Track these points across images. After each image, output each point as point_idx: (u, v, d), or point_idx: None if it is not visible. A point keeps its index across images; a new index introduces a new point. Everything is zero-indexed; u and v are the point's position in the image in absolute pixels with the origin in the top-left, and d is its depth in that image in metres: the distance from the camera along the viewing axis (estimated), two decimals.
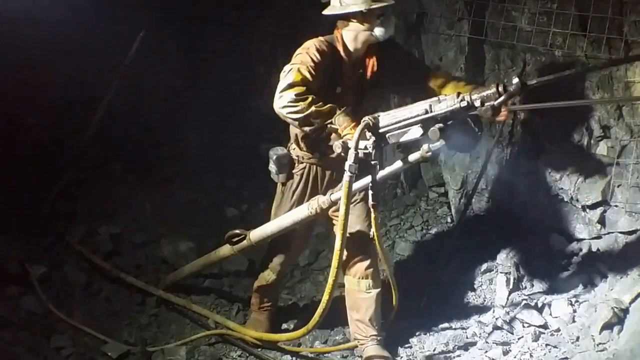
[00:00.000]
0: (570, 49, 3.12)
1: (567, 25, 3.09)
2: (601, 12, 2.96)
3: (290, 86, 2.50)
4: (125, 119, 4.32)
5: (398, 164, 2.53)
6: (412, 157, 2.47)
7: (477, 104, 2.24)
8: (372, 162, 2.38)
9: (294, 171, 2.97)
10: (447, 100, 2.31)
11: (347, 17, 2.65)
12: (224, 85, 4.76)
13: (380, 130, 2.38)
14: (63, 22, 3.74)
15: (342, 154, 2.42)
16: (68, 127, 4.17)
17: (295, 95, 2.48)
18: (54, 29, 3.74)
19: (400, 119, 2.37)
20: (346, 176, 2.36)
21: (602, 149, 3.16)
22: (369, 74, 2.81)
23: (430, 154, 2.41)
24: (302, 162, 2.95)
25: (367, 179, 2.54)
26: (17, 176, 3.81)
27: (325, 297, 2.53)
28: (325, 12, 2.69)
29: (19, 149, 3.93)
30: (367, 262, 2.95)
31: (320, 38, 2.68)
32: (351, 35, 2.69)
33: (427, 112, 2.31)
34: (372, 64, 2.79)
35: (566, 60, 3.16)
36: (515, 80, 2.20)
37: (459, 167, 3.84)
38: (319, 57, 2.58)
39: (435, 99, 2.36)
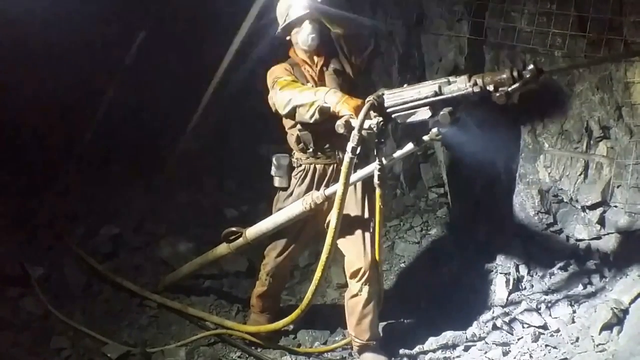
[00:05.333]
0: (569, 50, 3.11)
1: (567, 26, 3.08)
2: (600, 13, 2.96)
3: (280, 91, 2.71)
4: (125, 120, 4.32)
5: (409, 146, 2.52)
6: (424, 138, 2.47)
7: (490, 88, 2.17)
8: (378, 142, 2.38)
9: (293, 174, 3.00)
10: (458, 83, 2.25)
11: (283, 37, 2.95)
12: (223, 86, 4.76)
13: (387, 110, 2.35)
14: (63, 22, 3.74)
15: (345, 133, 2.40)
16: (68, 128, 4.17)
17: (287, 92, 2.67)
18: (54, 30, 3.75)
19: (408, 99, 2.32)
20: (346, 157, 2.34)
21: (601, 149, 3.16)
22: (346, 67, 2.94)
23: (440, 136, 2.41)
24: (301, 165, 2.98)
25: (368, 169, 2.53)
26: (17, 177, 3.81)
27: (317, 275, 2.54)
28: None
29: (18, 150, 3.93)
30: (366, 264, 2.92)
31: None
32: (297, 47, 2.94)
33: (436, 94, 2.27)
34: (340, 57, 2.96)
35: (566, 61, 3.15)
36: (531, 66, 2.14)
37: (459, 168, 3.84)
38: (288, 68, 2.86)
39: (444, 80, 2.31)
